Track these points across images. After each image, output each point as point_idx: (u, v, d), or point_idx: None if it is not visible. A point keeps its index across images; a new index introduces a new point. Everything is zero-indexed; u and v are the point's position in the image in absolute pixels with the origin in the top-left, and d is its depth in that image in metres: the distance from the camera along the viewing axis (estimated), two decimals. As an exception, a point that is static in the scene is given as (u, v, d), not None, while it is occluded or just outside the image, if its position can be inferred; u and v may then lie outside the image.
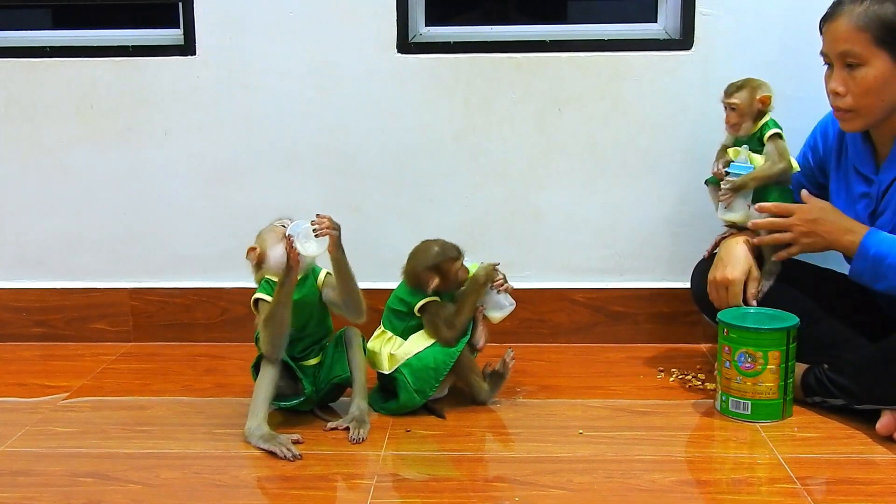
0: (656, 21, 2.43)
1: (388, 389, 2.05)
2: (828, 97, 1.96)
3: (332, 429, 1.93)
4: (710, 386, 2.14)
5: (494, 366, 2.10)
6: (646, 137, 2.39)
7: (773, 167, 2.07)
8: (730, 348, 1.96)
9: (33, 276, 2.53)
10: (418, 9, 2.42)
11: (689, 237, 2.36)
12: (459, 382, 2.07)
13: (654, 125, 2.39)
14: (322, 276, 1.97)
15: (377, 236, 2.44)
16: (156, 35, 2.47)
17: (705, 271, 2.16)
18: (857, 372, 1.92)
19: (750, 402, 1.95)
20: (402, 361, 1.99)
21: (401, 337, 2.03)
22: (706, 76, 2.34)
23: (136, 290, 2.52)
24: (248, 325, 1.96)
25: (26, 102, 2.44)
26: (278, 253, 1.91)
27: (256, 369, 1.93)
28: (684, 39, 2.34)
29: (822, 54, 1.95)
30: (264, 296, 1.90)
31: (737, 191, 2.08)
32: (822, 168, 2.16)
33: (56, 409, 2.08)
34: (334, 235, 1.87)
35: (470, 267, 2.06)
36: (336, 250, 1.88)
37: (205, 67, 2.41)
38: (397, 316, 2.04)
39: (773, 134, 2.07)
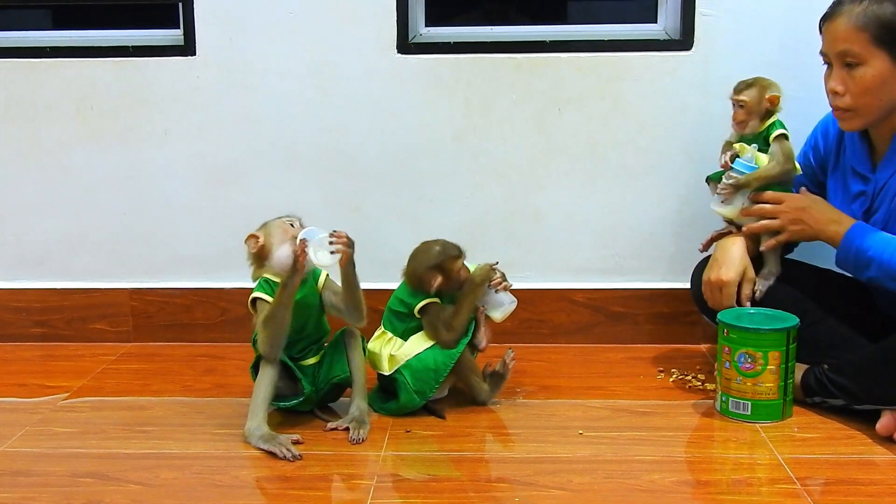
0: (656, 21, 2.43)
1: (388, 390, 2.05)
2: (827, 96, 1.97)
3: (332, 429, 1.93)
4: (710, 386, 2.14)
5: (494, 366, 2.10)
6: (646, 138, 2.40)
7: (776, 168, 2.07)
8: (730, 349, 1.96)
9: (33, 276, 2.52)
10: (418, 9, 2.42)
11: (690, 237, 2.36)
12: (459, 383, 2.07)
13: (654, 125, 2.39)
14: (322, 278, 1.97)
15: (377, 236, 2.44)
16: (156, 35, 2.47)
17: (704, 272, 2.17)
18: (857, 372, 1.92)
19: (750, 402, 1.95)
20: (402, 362, 1.99)
21: (401, 338, 2.03)
22: (706, 77, 2.34)
23: (137, 291, 2.52)
24: (248, 326, 1.95)
25: (26, 103, 2.44)
26: (284, 253, 1.90)
27: (256, 370, 1.93)
28: (684, 40, 2.35)
29: (821, 54, 1.96)
30: (263, 295, 1.90)
31: (738, 189, 2.08)
32: (822, 167, 2.16)
33: (56, 410, 2.08)
34: (348, 253, 1.87)
35: (470, 268, 2.06)
36: (348, 265, 1.89)
37: (205, 68, 2.41)
38: (397, 317, 2.04)
39: (780, 134, 2.08)
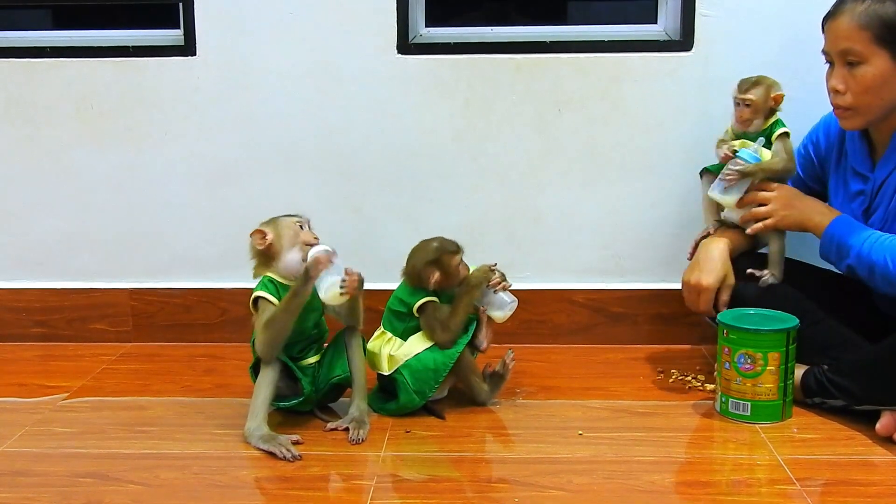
0: (656, 22, 2.43)
1: (388, 390, 2.05)
2: (828, 95, 1.97)
3: (332, 429, 1.93)
4: (710, 387, 2.14)
5: (494, 367, 2.10)
6: (646, 138, 2.40)
7: (780, 163, 2.09)
8: (729, 349, 1.96)
9: (33, 276, 2.52)
10: (418, 9, 2.42)
11: (690, 238, 2.34)
12: (459, 383, 2.07)
13: (654, 126, 2.39)
14: None
15: (377, 237, 2.44)
16: (156, 35, 2.46)
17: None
18: (857, 373, 1.92)
19: (749, 403, 1.95)
20: (401, 362, 1.99)
21: (400, 338, 2.03)
22: (706, 77, 2.34)
23: (136, 291, 2.52)
24: (248, 326, 1.95)
25: (26, 103, 2.44)
26: (293, 259, 1.91)
27: (255, 370, 1.93)
28: (684, 41, 2.35)
29: (823, 52, 1.96)
30: (266, 295, 1.90)
31: (744, 176, 2.07)
32: (822, 163, 2.16)
33: (56, 410, 2.08)
34: (355, 294, 1.90)
35: (470, 269, 2.06)
36: (353, 296, 1.90)
37: (205, 68, 2.41)
38: (397, 317, 2.04)
39: (783, 133, 2.09)
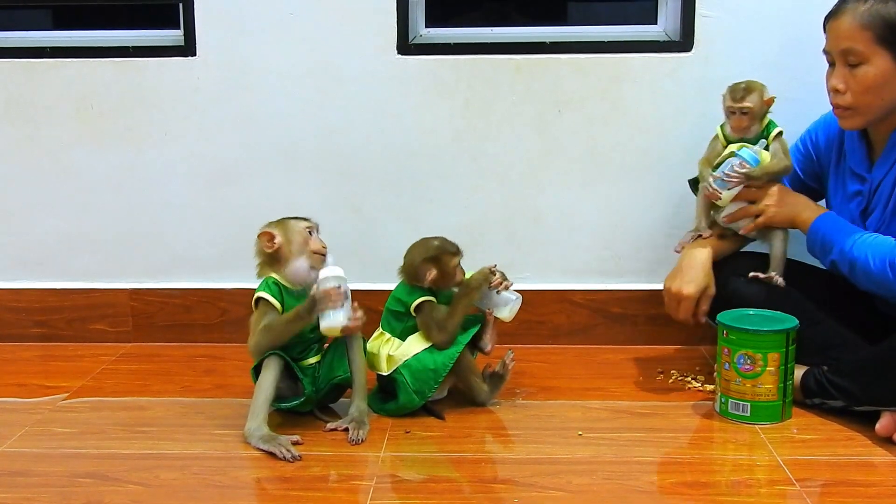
0: (656, 23, 2.43)
1: (387, 391, 2.05)
2: (828, 94, 1.97)
3: (332, 430, 1.93)
4: (710, 388, 2.14)
5: (494, 367, 2.10)
6: (646, 139, 2.40)
7: (781, 163, 2.09)
8: (729, 350, 1.96)
9: (33, 276, 2.52)
10: (418, 10, 2.42)
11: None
12: (459, 383, 2.07)
13: (654, 127, 2.39)
14: None
15: (377, 237, 2.44)
16: (156, 36, 2.47)
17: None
18: (857, 373, 1.92)
19: (749, 403, 1.95)
20: (400, 362, 1.99)
21: (399, 338, 2.03)
22: (706, 78, 2.34)
23: (136, 291, 2.52)
24: (248, 326, 1.95)
25: (26, 103, 2.44)
26: (301, 267, 1.92)
27: (257, 372, 1.93)
28: (684, 41, 2.35)
29: (824, 52, 1.96)
30: (269, 297, 1.90)
31: (750, 178, 2.05)
32: (820, 161, 2.15)
33: (55, 410, 2.08)
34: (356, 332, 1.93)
35: (468, 275, 2.05)
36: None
37: (205, 68, 2.41)
38: (395, 317, 2.04)
39: (779, 133, 2.09)
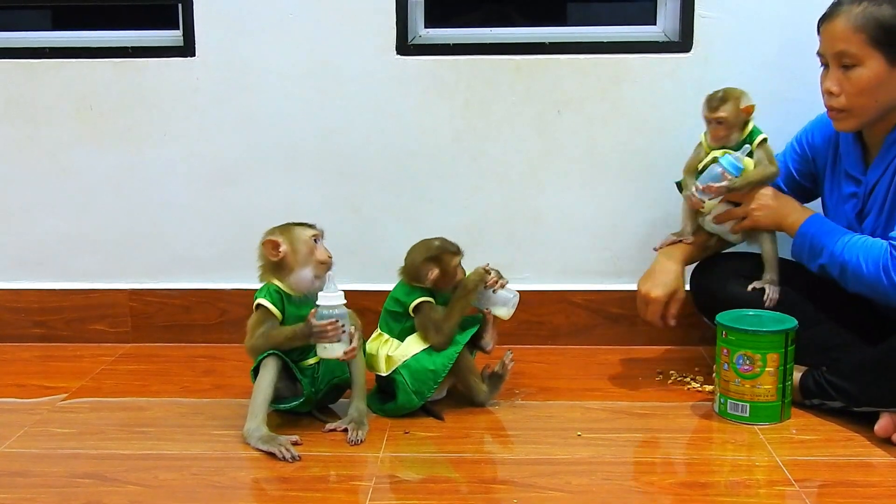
0: (655, 23, 2.43)
1: (386, 391, 2.05)
2: (822, 97, 1.97)
3: (331, 430, 1.93)
4: (709, 388, 2.14)
5: (493, 367, 2.10)
6: (645, 139, 2.40)
7: (767, 169, 2.07)
8: (728, 350, 1.96)
9: (32, 276, 2.52)
10: (418, 10, 2.42)
11: (688, 239, 2.36)
12: (458, 384, 2.07)
13: (653, 127, 2.39)
14: None
15: (376, 237, 2.44)
16: (155, 36, 2.47)
17: (704, 274, 2.17)
18: (856, 374, 1.92)
19: (748, 404, 1.95)
20: (399, 363, 1.99)
21: (397, 339, 2.03)
22: (705, 78, 2.33)
23: (136, 292, 2.52)
24: (246, 327, 1.95)
25: (26, 103, 2.44)
26: (306, 277, 1.92)
27: (256, 373, 1.93)
28: (683, 42, 2.35)
29: (818, 54, 1.96)
30: (269, 305, 1.90)
31: (730, 191, 2.06)
32: (815, 161, 2.15)
33: (55, 410, 2.08)
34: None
35: (467, 273, 2.06)
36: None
37: (204, 69, 2.41)
38: (393, 317, 2.04)
39: (763, 140, 2.08)
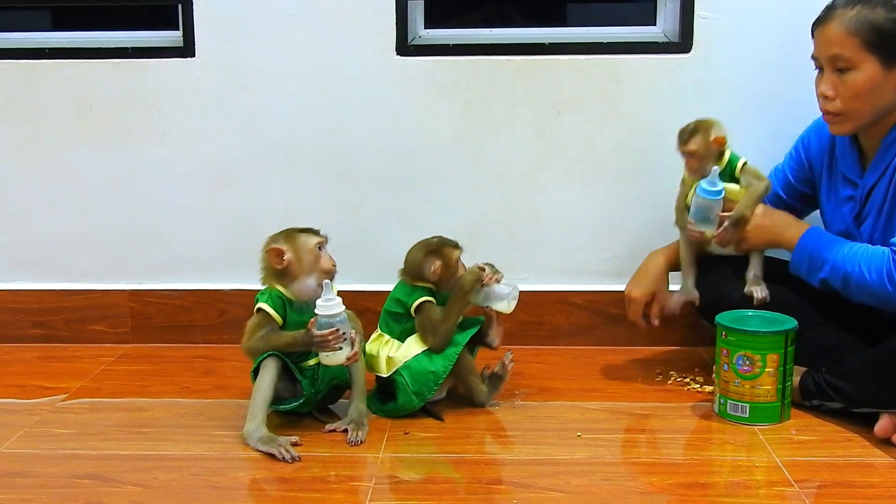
0: (655, 24, 2.43)
1: (386, 391, 2.05)
2: (817, 100, 1.96)
3: (331, 431, 1.93)
4: (709, 389, 2.14)
5: (493, 368, 2.10)
6: (644, 140, 2.40)
7: (759, 185, 2.06)
8: (728, 351, 1.96)
9: (32, 277, 2.52)
10: (417, 11, 2.42)
11: (688, 240, 2.36)
12: (458, 384, 2.07)
13: (652, 128, 2.39)
14: None
15: (376, 237, 2.44)
16: (155, 37, 2.47)
17: (702, 277, 2.18)
18: (856, 375, 1.92)
19: (748, 405, 1.95)
20: (400, 364, 1.99)
21: (398, 340, 2.03)
22: (705, 79, 2.34)
23: (135, 292, 2.52)
24: (245, 327, 1.95)
25: (26, 104, 2.44)
26: (310, 286, 1.92)
27: (256, 373, 1.93)
28: (683, 42, 2.35)
29: (812, 58, 1.96)
30: (270, 310, 1.90)
31: (737, 225, 2.04)
32: (812, 166, 2.14)
33: (54, 411, 2.08)
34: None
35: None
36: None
37: (204, 69, 2.41)
38: (394, 318, 2.04)
39: (744, 164, 2.08)
